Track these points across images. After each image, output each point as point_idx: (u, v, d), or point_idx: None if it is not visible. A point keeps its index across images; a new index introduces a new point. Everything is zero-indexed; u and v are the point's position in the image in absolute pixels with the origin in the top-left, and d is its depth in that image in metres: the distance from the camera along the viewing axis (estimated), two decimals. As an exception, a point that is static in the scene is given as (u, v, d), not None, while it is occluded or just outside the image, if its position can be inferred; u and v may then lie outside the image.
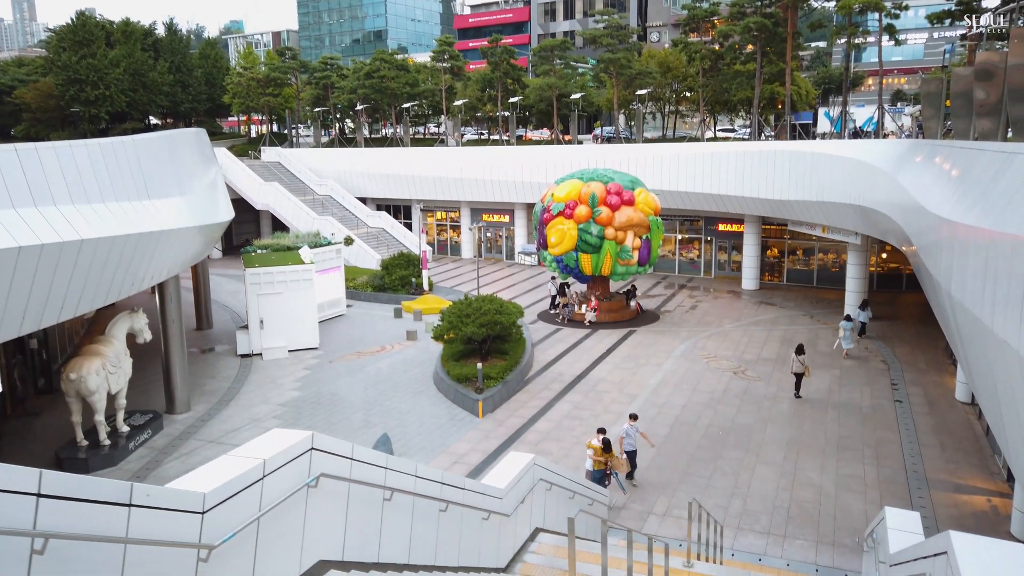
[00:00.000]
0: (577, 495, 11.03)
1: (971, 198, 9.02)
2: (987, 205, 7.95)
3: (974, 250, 7.78)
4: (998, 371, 6.71)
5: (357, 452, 5.82)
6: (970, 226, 8.21)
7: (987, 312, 6.79)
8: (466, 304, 21.60)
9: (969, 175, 9.89)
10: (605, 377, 22.12)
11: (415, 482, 6.65)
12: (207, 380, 22.57)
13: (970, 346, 8.42)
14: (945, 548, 3.88)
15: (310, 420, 19.06)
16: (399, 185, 45.43)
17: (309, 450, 5.30)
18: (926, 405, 19.53)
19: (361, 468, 5.87)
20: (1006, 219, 6.92)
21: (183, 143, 20.49)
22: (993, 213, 7.56)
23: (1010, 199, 7.18)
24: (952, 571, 3.64)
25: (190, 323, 29.40)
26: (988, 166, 8.67)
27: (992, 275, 6.70)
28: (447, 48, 48.76)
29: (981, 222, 7.84)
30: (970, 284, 7.82)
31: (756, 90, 36.16)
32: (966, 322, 8.26)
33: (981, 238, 7.65)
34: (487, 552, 8.25)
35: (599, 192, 27.36)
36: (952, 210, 9.84)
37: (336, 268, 30.10)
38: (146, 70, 58.16)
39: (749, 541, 13.00)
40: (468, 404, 19.62)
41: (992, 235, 7.07)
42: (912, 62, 77.85)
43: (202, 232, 20.75)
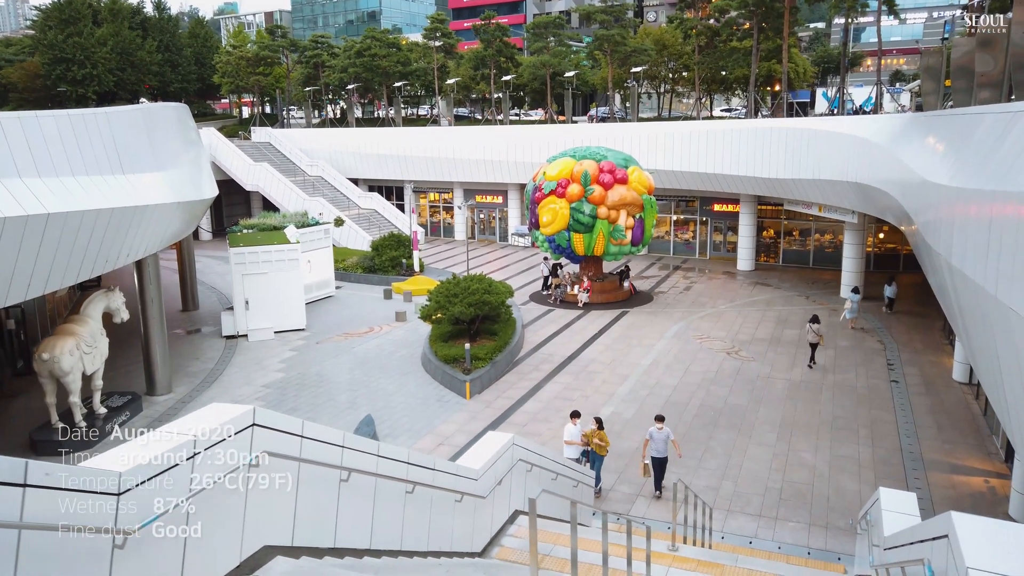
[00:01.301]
0: (560, 476, 10.62)
1: (973, 164, 8.55)
2: (991, 169, 7.48)
3: (976, 217, 7.32)
4: (1001, 342, 6.28)
5: (308, 429, 5.37)
6: (972, 191, 7.74)
7: (991, 279, 6.34)
8: (454, 284, 21.13)
9: (970, 140, 9.40)
10: (596, 358, 21.71)
11: (377, 462, 6.21)
12: (190, 362, 22.13)
13: (971, 318, 7.98)
14: (946, 531, 3.46)
15: (294, 402, 18.65)
16: (391, 165, 44.76)
17: (250, 426, 4.85)
18: (922, 385, 19.16)
19: (313, 447, 5.42)
20: (1011, 180, 6.45)
21: (161, 118, 19.90)
22: (997, 176, 7.09)
23: (1015, 160, 6.71)
24: (954, 556, 3.22)
25: (176, 304, 28.94)
26: (992, 128, 8.18)
27: (996, 240, 6.25)
28: (439, 26, 47.91)
29: (985, 187, 7.37)
30: (971, 252, 7.36)
31: (752, 67, 35.51)
32: (967, 293, 7.82)
33: (984, 204, 7.19)
34: (461, 536, 7.84)
35: (592, 170, 26.81)
36: (953, 178, 9.37)
37: (324, 248, 29.55)
38: (134, 49, 57.19)
39: (740, 524, 12.64)
40: (456, 385, 19.21)
41: (996, 197, 6.61)
42: (911, 42, 76.98)
43: (183, 209, 20.22)
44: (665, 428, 13.29)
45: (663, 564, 7.99)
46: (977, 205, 7.42)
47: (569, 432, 13.66)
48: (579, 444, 13.55)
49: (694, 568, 7.94)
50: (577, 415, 13.93)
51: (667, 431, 13.27)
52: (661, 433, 13.21)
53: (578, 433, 13.56)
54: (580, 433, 13.55)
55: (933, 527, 3.86)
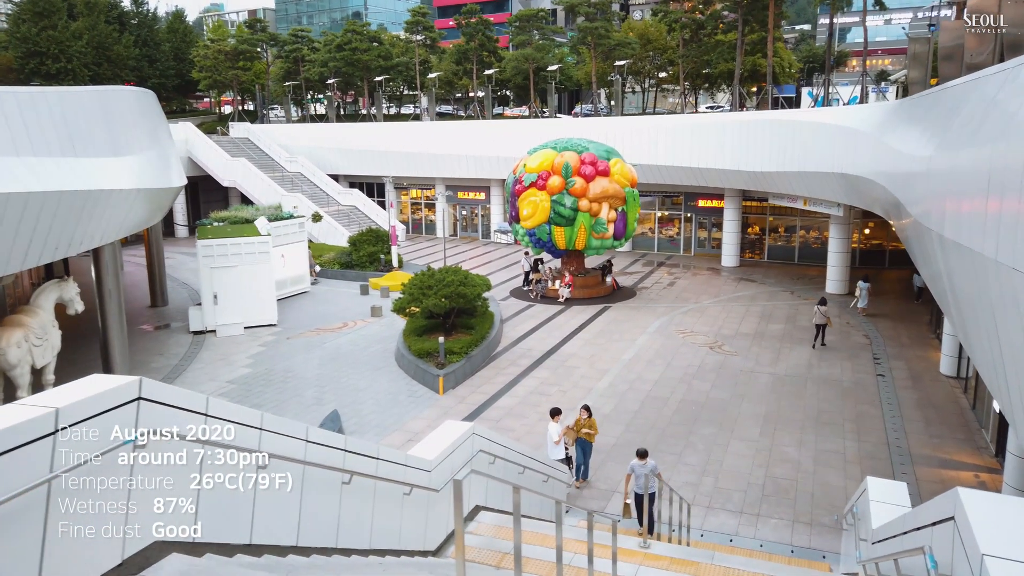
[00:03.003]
0: (528, 470, 9.93)
1: (965, 132, 7.97)
2: (987, 128, 6.89)
3: (972, 178, 6.72)
4: (1000, 312, 5.67)
5: (214, 407, 4.66)
6: (966, 156, 7.15)
7: (990, 243, 5.73)
8: (428, 276, 20.41)
9: (960, 110, 8.83)
10: (576, 352, 21.06)
11: (306, 448, 5.50)
12: (154, 357, 21.28)
13: (965, 295, 7.38)
14: (951, 512, 2.82)
15: (259, 398, 17.87)
16: (371, 161, 43.96)
17: (135, 400, 4.14)
18: (909, 379, 18.64)
19: (221, 427, 4.70)
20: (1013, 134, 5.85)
21: (120, 101, 19.05)
22: (993, 136, 6.50)
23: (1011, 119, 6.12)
24: (963, 541, 2.58)
25: (144, 300, 28.09)
26: (987, 91, 7.60)
27: (997, 195, 5.64)
28: (421, 19, 47.15)
29: (982, 147, 6.79)
30: (967, 220, 6.76)
31: (737, 60, 35.04)
32: (961, 267, 7.22)
33: (982, 163, 6.60)
34: (411, 533, 7.13)
35: (573, 162, 26.19)
36: (941, 147, 8.79)
37: (299, 243, 28.73)
38: (111, 43, 56.02)
39: (720, 521, 12.00)
40: (428, 380, 18.49)
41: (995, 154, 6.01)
42: (896, 42, 77.01)
43: (145, 197, 19.38)
44: (650, 462, 10.98)
45: (632, 562, 7.32)
46: (972, 166, 6.83)
47: (553, 431, 12.76)
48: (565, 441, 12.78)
49: (667, 566, 7.29)
50: (558, 412, 12.97)
51: (651, 464, 10.92)
52: (644, 467, 10.94)
53: (559, 430, 12.73)
54: (561, 430, 12.74)
55: (935, 509, 3.22)
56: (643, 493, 10.26)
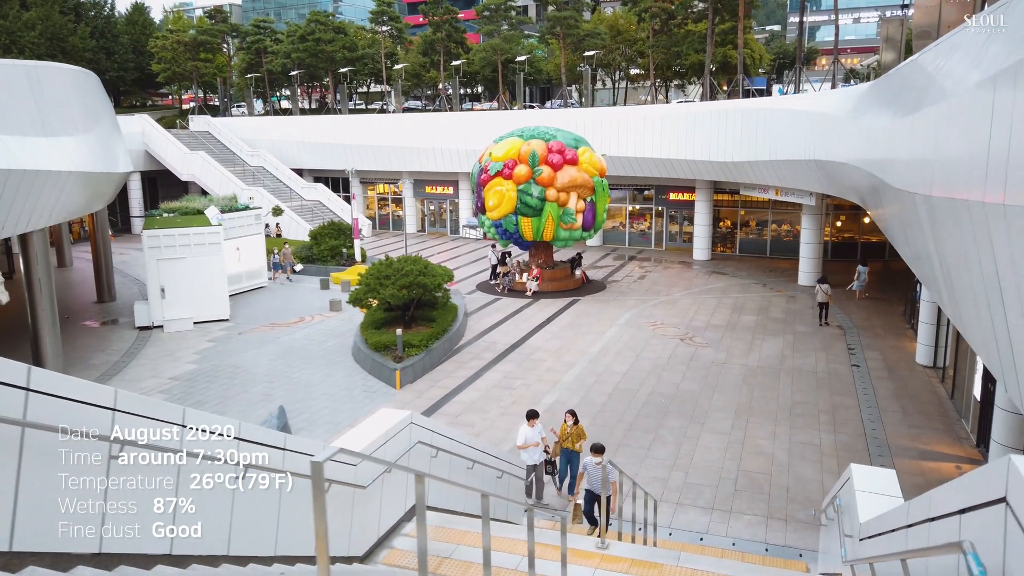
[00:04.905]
0: (479, 465, 9.00)
1: (953, 76, 7.22)
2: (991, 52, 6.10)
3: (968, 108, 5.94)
4: (1003, 260, 4.88)
5: (36, 378, 3.66)
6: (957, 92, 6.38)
7: (994, 186, 4.93)
8: (386, 265, 19.38)
9: (944, 65, 8.08)
10: (542, 346, 20.17)
11: (180, 433, 4.51)
12: (94, 354, 19.98)
13: (956, 262, 6.61)
14: (1002, 492, 1.95)
15: (202, 394, 16.72)
16: (336, 155, 42.69)
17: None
18: (885, 370, 18.04)
19: (51, 405, 3.71)
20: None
21: (52, 79, 17.75)
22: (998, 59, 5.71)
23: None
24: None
25: (89, 295, 26.67)
26: (965, 40, 6.84)
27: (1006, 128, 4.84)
28: (386, 9, 45.96)
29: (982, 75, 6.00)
30: (962, 168, 5.97)
31: (708, 50, 34.44)
32: (951, 229, 6.44)
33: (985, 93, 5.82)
34: (332, 536, 6.15)
35: (540, 150, 25.32)
36: (923, 105, 8.05)
37: (256, 235, 27.50)
38: (65, 34, 54.02)
39: (690, 518, 11.17)
40: (385, 375, 17.48)
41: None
42: (865, 41, 77.51)
43: (83, 182, 18.13)
44: (604, 461, 8.85)
45: (588, 565, 6.43)
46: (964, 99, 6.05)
47: (527, 436, 11.00)
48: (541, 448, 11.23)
49: (626, 569, 6.40)
50: (535, 415, 11.20)
51: (607, 467, 8.64)
52: (597, 469, 9.22)
53: (537, 435, 11.06)
54: (539, 436, 11.10)
55: (969, 490, 2.36)
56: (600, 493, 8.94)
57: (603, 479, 8.39)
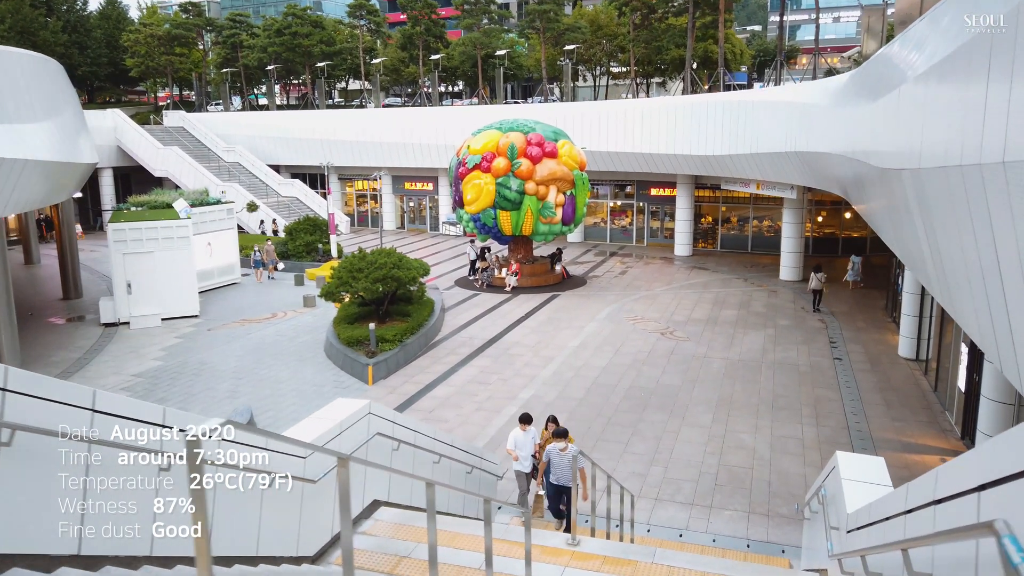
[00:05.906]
0: (445, 458, 8.52)
1: (940, 53, 6.85)
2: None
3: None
4: (1002, 232, 4.49)
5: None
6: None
7: (991, 150, 4.54)
8: (359, 258, 18.85)
9: (928, 40, 7.73)
10: (520, 341, 19.73)
11: (91, 420, 4.00)
12: (55, 351, 19.27)
13: (947, 241, 6.23)
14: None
15: (166, 391, 16.10)
16: (314, 150, 41.99)
17: None
18: (867, 363, 17.78)
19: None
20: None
21: (9, 63, 17.06)
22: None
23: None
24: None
25: (55, 292, 25.88)
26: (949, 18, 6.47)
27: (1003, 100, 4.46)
28: (364, 3, 45.29)
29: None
30: (955, 136, 5.59)
31: (688, 44, 34.20)
32: (944, 203, 6.06)
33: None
34: (278, 534, 5.66)
35: (519, 143, 24.88)
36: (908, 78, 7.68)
37: (228, 230, 26.81)
38: (36, 28, 52.71)
39: (669, 514, 10.76)
40: (357, 370, 16.95)
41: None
42: (845, 40, 77.86)
43: (40, 172, 17.42)
44: (571, 448, 8.68)
45: (557, 563, 5.98)
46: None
47: (517, 440, 10.09)
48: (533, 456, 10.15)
49: (598, 567, 5.96)
50: (528, 419, 10.22)
51: (573, 451, 8.46)
52: (564, 457, 8.76)
53: (529, 441, 10.09)
54: (533, 441, 10.12)
55: (1002, 456, 1.93)
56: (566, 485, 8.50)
57: (572, 469, 7.69)
